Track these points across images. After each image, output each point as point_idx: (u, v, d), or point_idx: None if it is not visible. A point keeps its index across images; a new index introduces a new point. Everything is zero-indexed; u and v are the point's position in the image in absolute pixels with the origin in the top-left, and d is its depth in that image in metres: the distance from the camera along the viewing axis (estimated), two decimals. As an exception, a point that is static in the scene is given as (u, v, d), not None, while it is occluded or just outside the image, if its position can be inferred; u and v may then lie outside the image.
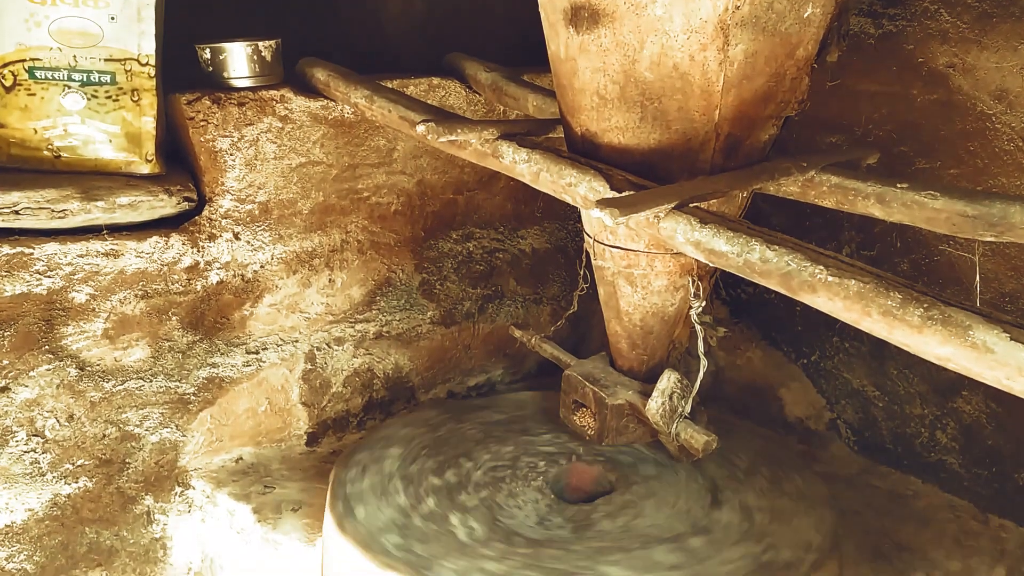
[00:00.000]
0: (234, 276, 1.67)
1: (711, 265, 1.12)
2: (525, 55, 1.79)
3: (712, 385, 2.00)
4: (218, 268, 1.65)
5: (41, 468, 1.54)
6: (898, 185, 1.15)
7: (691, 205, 1.08)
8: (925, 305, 0.83)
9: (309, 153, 1.70)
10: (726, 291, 2.08)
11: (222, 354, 1.69)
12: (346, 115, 1.71)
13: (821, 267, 0.91)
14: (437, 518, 1.34)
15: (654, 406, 1.31)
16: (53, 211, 1.45)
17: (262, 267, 1.70)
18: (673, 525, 1.35)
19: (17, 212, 1.42)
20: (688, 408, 1.31)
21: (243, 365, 1.72)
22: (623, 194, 1.10)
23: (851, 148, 1.63)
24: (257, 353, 1.74)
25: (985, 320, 0.80)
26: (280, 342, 1.76)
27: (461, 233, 1.96)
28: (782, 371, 1.96)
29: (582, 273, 1.50)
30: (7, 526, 1.53)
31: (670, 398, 1.31)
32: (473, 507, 1.37)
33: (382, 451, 1.51)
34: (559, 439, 1.57)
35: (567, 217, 2.08)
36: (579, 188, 1.16)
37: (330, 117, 1.70)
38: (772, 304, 1.97)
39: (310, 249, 1.75)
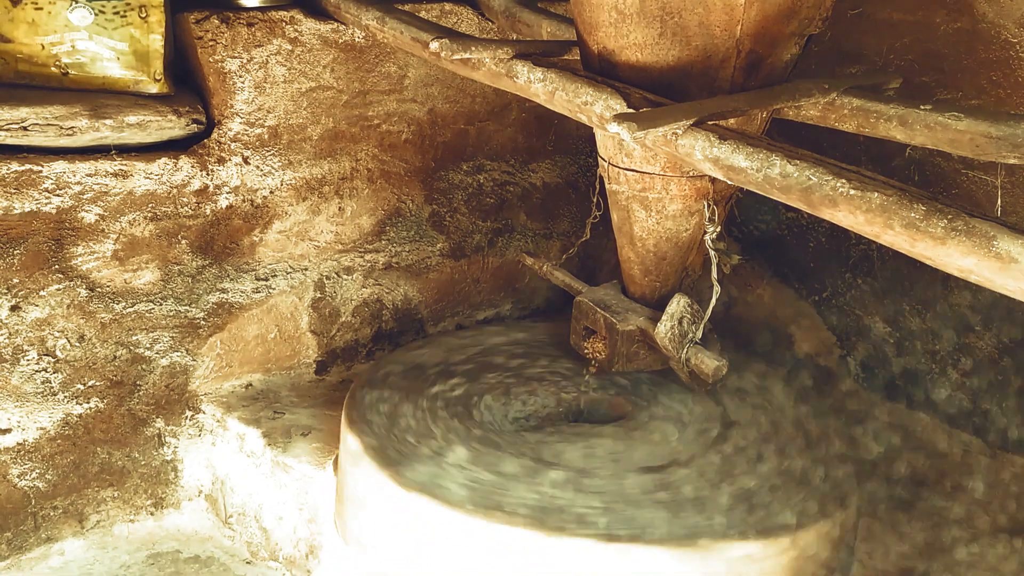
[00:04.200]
0: (243, 201, 1.66)
1: (729, 184, 1.11)
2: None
3: (721, 321, 2.00)
4: (227, 192, 1.63)
5: (52, 387, 1.55)
6: (921, 107, 1.13)
7: (710, 123, 1.06)
8: (949, 216, 0.82)
9: (319, 77, 1.67)
10: (738, 228, 2.06)
11: (232, 280, 1.69)
12: (357, 39, 1.68)
13: (843, 180, 0.90)
14: None
15: (663, 329, 1.30)
16: (61, 128, 1.43)
17: (271, 193, 1.68)
18: None
19: (25, 128, 1.41)
20: (699, 334, 1.31)
21: (252, 291, 1.72)
22: (641, 111, 1.08)
23: (873, 73, 1.60)
24: (266, 280, 1.73)
25: (1010, 231, 0.79)
26: (289, 269, 1.76)
27: (472, 165, 1.93)
28: (793, 308, 1.95)
29: (595, 200, 1.48)
30: (19, 444, 1.54)
31: (679, 322, 1.30)
32: None
33: None
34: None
35: (579, 152, 2.05)
36: (595, 107, 1.14)
37: (341, 41, 1.67)
38: (784, 240, 1.95)
39: (320, 176, 1.73)
